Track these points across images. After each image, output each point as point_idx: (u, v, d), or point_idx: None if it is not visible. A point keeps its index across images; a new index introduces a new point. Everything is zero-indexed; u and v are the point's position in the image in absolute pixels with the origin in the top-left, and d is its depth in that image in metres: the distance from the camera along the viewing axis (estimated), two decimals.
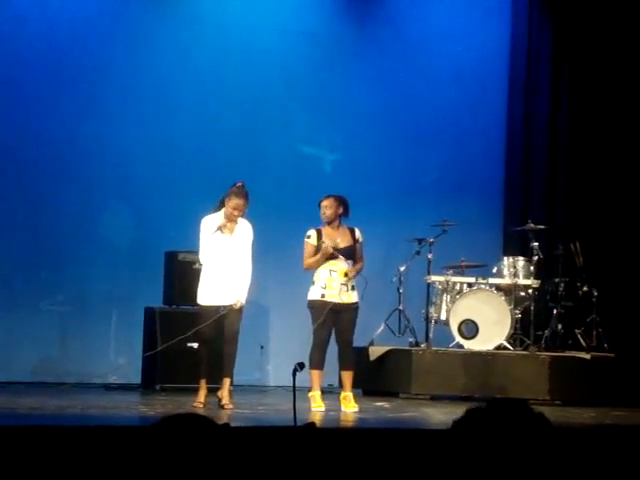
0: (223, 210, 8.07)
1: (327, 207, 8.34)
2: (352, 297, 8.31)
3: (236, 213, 8.01)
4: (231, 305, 8.05)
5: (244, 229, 8.14)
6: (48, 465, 4.80)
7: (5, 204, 10.25)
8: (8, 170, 10.30)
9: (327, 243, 8.21)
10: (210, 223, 8.07)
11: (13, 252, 10.28)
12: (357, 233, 8.44)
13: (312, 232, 8.37)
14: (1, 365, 9.94)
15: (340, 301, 8.23)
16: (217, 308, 8.08)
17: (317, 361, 8.20)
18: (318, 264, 8.27)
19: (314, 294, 8.29)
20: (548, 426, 1.94)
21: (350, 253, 8.33)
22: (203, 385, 8.06)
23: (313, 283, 8.33)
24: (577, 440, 5.87)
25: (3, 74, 10.30)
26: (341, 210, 8.36)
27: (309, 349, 8.24)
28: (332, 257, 8.24)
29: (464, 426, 1.91)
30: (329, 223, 8.35)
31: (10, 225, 10.28)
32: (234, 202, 7.99)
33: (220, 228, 8.00)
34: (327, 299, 8.23)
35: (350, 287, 8.30)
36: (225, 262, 8.07)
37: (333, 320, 8.22)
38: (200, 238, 8.11)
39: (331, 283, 8.26)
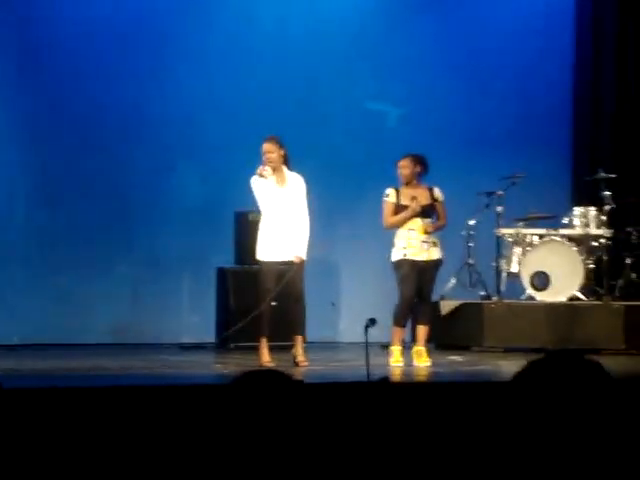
0: None
1: (404, 167, 8.31)
2: (435, 253, 8.27)
3: (267, 156, 7.97)
4: (292, 261, 8.04)
5: (296, 181, 8.11)
6: (127, 425, 4.90)
7: (77, 168, 10.39)
8: (79, 135, 10.42)
9: (416, 202, 8.18)
10: (259, 179, 8.03)
11: (86, 216, 10.42)
12: (436, 192, 8.38)
13: (390, 191, 8.34)
14: (78, 327, 10.12)
15: (422, 259, 8.21)
16: (278, 263, 8.05)
17: (401, 319, 8.21)
18: (402, 223, 8.24)
19: (397, 255, 8.26)
20: (606, 376, 1.94)
21: (429, 212, 8.31)
22: (265, 343, 7.98)
23: (394, 245, 8.30)
24: None
25: (73, 45, 10.39)
26: (418, 169, 8.32)
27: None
28: (417, 216, 8.21)
29: (525, 378, 1.92)
30: (407, 183, 8.33)
31: (82, 189, 10.42)
32: (262, 148, 8.02)
33: (264, 175, 7.93)
34: (409, 257, 8.21)
35: (432, 243, 8.28)
36: (282, 216, 8.03)
37: (417, 277, 8.21)
38: (256, 197, 8.09)
39: (411, 241, 8.23)
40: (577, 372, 1.92)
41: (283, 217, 8.03)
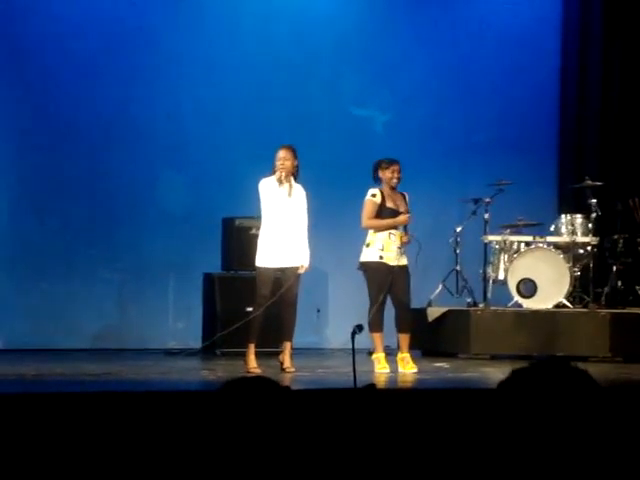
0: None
1: (399, 171, 8.34)
2: (404, 260, 8.35)
3: (280, 162, 8.01)
4: (293, 268, 8.04)
5: (301, 194, 8.16)
6: (113, 430, 4.88)
7: (62, 174, 10.37)
8: (64, 140, 10.40)
9: (410, 216, 8.24)
10: (267, 183, 8.09)
11: (71, 221, 10.41)
12: (407, 198, 8.46)
13: (376, 191, 8.37)
14: (63, 332, 10.09)
15: (395, 264, 8.24)
16: (276, 270, 8.09)
17: (378, 323, 8.23)
18: (384, 228, 8.28)
19: (371, 256, 8.29)
20: (593, 383, 1.93)
21: None
22: (252, 349, 8.00)
23: (367, 245, 8.33)
24: (638, 396, 5.83)
25: (55, 45, 10.38)
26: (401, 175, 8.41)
27: (367, 311, 8.25)
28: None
29: (509, 387, 1.91)
30: (392, 188, 8.36)
31: (67, 195, 10.40)
32: (278, 154, 8.06)
33: (279, 180, 7.98)
34: (385, 261, 8.24)
35: (403, 251, 8.33)
36: (285, 224, 8.06)
37: (389, 283, 8.23)
38: (260, 200, 8.13)
39: (389, 246, 8.27)
40: (563, 380, 1.91)
41: (285, 226, 8.07)
